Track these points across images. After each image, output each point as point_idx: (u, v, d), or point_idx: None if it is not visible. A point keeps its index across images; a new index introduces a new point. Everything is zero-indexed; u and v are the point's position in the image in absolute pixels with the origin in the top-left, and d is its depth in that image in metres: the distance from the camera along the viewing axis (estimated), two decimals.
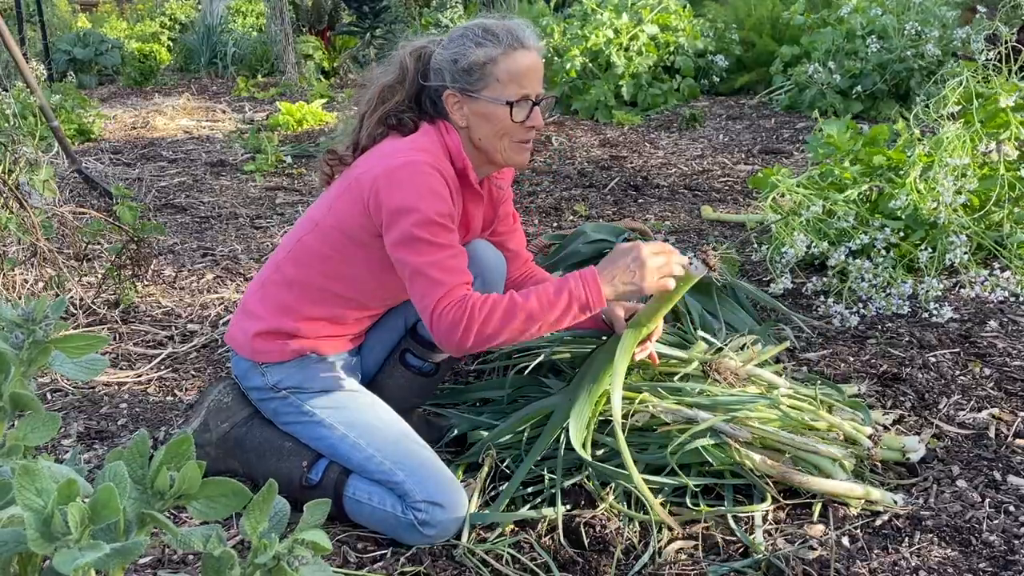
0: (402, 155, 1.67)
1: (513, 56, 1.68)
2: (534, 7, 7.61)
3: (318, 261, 1.75)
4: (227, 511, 0.81)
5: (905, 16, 5.35)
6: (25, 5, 9.12)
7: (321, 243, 1.75)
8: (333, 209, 1.75)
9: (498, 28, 1.70)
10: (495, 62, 1.68)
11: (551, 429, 1.80)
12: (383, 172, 1.65)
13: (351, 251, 1.72)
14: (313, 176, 4.74)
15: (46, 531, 0.71)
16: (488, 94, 1.69)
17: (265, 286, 1.82)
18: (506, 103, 1.68)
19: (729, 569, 1.56)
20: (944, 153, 2.73)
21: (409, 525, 1.64)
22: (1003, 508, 1.70)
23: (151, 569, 1.64)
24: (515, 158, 1.76)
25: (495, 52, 1.68)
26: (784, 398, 1.83)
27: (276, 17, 8.33)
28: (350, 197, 1.71)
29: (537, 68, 1.72)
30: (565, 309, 1.56)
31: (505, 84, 1.68)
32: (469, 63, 1.68)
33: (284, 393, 1.79)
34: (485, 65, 1.68)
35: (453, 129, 1.75)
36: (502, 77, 1.68)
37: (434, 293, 1.58)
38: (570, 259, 2.51)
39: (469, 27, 1.72)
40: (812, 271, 2.97)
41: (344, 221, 1.72)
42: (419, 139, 1.73)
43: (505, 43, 1.68)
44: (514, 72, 1.68)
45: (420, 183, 1.62)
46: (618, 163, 4.70)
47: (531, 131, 1.74)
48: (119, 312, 2.83)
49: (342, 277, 1.74)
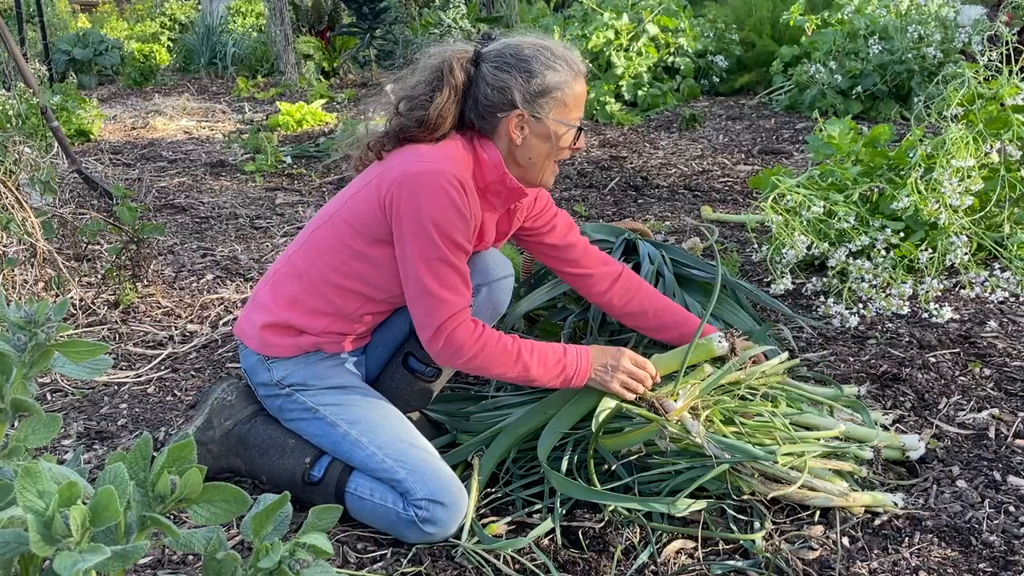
0: (431, 162, 1.67)
1: (578, 82, 1.76)
2: (534, 7, 7.62)
3: (327, 253, 1.77)
4: (228, 516, 0.81)
5: (907, 17, 5.36)
6: (25, 5, 9.12)
7: (332, 236, 1.77)
8: (349, 203, 1.77)
9: (563, 53, 1.76)
10: (564, 87, 1.73)
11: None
12: (406, 175, 1.66)
13: (359, 246, 1.73)
14: (314, 176, 4.75)
15: (47, 533, 0.71)
16: (555, 117, 1.74)
17: (276, 277, 1.84)
18: (576, 128, 1.77)
19: (729, 569, 1.56)
20: (947, 155, 2.73)
21: (410, 522, 1.64)
22: (1003, 508, 1.71)
23: (151, 570, 1.64)
24: (549, 179, 1.85)
25: (567, 77, 1.73)
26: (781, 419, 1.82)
27: (276, 17, 8.33)
28: (368, 193, 1.73)
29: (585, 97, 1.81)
30: (554, 377, 1.75)
31: (571, 109, 1.76)
32: (543, 86, 1.72)
33: (289, 390, 1.80)
34: (556, 89, 1.73)
35: (491, 144, 1.77)
36: (569, 102, 1.75)
37: (441, 313, 1.66)
38: None
39: (536, 48, 1.74)
40: (812, 271, 2.97)
41: (357, 216, 1.73)
42: (450, 147, 1.74)
43: (574, 70, 1.75)
44: (579, 98, 1.77)
45: (442, 195, 1.64)
46: (618, 163, 4.70)
47: (573, 154, 1.83)
48: (119, 312, 2.83)
49: (348, 271, 1.75)
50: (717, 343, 1.85)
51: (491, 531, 1.68)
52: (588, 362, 1.76)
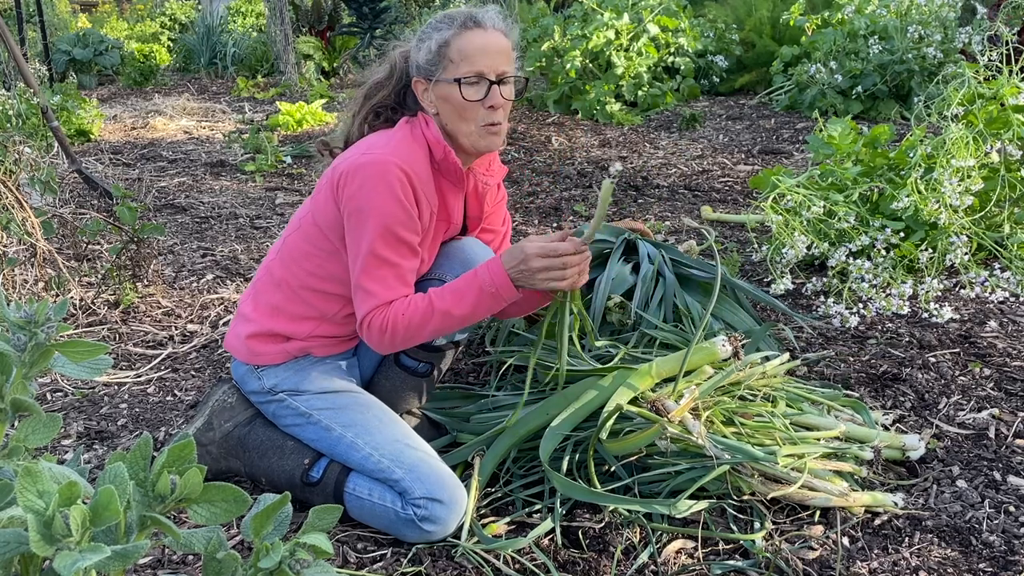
0: (373, 152, 1.68)
1: (465, 35, 1.69)
2: (534, 7, 7.61)
3: (302, 258, 1.78)
4: (228, 516, 0.81)
5: (907, 17, 5.36)
6: (25, 5, 9.12)
7: (304, 240, 1.78)
8: (313, 206, 1.79)
9: (457, 12, 1.72)
10: (448, 43, 1.69)
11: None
12: (350, 167, 1.68)
13: (331, 246, 1.75)
14: (313, 176, 4.75)
15: (47, 533, 0.71)
16: (444, 76, 1.70)
17: (257, 288, 1.86)
18: (454, 80, 1.69)
19: (729, 569, 1.56)
20: (947, 155, 2.73)
21: (409, 521, 1.64)
22: (1003, 508, 1.71)
23: (151, 570, 1.64)
24: (480, 143, 1.75)
25: (448, 33, 1.70)
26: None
27: (276, 17, 8.33)
28: (326, 191, 1.74)
29: (494, 47, 1.70)
30: (478, 301, 1.66)
31: (457, 64, 1.69)
32: (429, 48, 1.71)
33: (281, 396, 1.80)
34: (440, 47, 1.70)
35: (432, 121, 1.76)
36: (454, 57, 1.69)
37: (367, 305, 1.67)
38: None
39: (435, 16, 1.76)
40: (812, 271, 2.97)
41: (320, 216, 1.75)
42: (396, 135, 1.75)
43: (458, 23, 1.70)
44: (465, 50, 1.69)
45: (383, 188, 1.65)
46: (618, 163, 4.70)
47: (494, 112, 1.72)
48: (119, 312, 2.83)
49: (325, 274, 1.77)
50: (720, 346, 1.85)
51: (491, 531, 1.68)
52: (501, 269, 1.65)
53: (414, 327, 1.67)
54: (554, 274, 1.64)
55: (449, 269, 1.85)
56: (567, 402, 1.84)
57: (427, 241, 1.79)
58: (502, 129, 1.75)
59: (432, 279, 1.85)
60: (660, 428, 1.69)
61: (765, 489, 1.69)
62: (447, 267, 1.85)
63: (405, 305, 1.67)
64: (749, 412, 1.80)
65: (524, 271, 1.64)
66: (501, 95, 1.71)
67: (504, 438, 1.84)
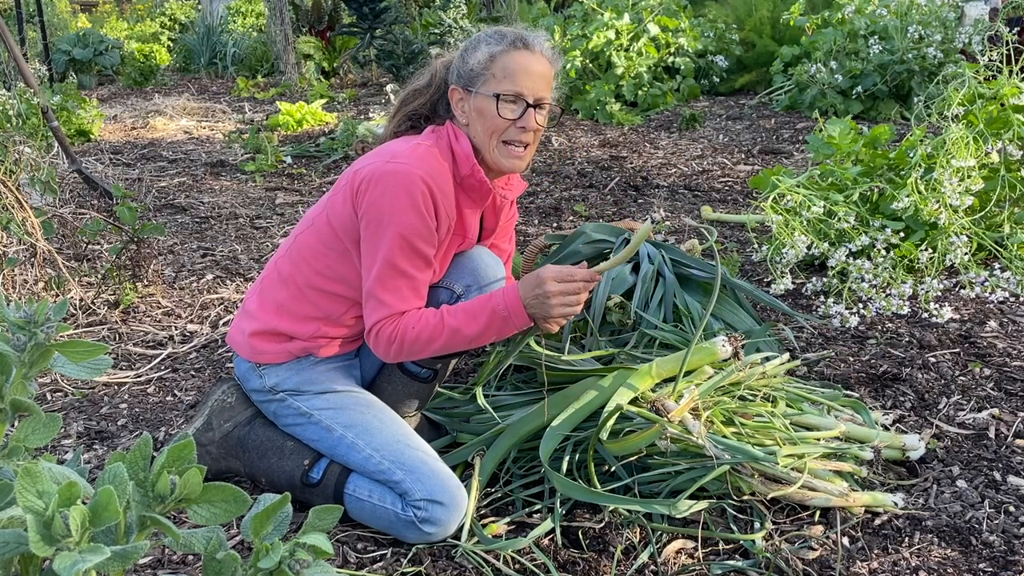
0: (397, 161, 1.68)
1: (512, 54, 1.71)
2: (534, 7, 7.62)
3: (312, 258, 1.77)
4: (227, 516, 0.81)
5: (907, 17, 5.36)
6: (25, 5, 9.12)
7: (316, 239, 1.78)
8: (329, 206, 1.78)
9: (508, 30, 1.74)
10: (494, 58, 1.71)
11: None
12: (372, 174, 1.68)
13: (342, 247, 1.74)
14: (313, 176, 4.75)
15: (47, 533, 0.71)
16: (484, 89, 1.72)
17: (263, 285, 1.85)
18: (493, 95, 1.70)
19: (729, 569, 1.56)
20: (947, 155, 2.73)
21: (409, 523, 1.64)
22: (1003, 508, 1.71)
23: (151, 570, 1.64)
24: (502, 161, 1.76)
25: (496, 48, 1.72)
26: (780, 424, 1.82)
27: (276, 17, 8.33)
28: (344, 193, 1.74)
29: (538, 71, 1.73)
30: (489, 324, 1.67)
31: (499, 80, 1.71)
32: (475, 59, 1.73)
33: (282, 395, 1.80)
34: (486, 60, 1.72)
35: (463, 133, 1.76)
36: (498, 73, 1.71)
37: (378, 314, 1.68)
38: (570, 259, 2.51)
39: (485, 30, 1.77)
40: (812, 271, 2.97)
41: (335, 217, 1.75)
42: (421, 144, 1.74)
43: (508, 41, 1.72)
44: (509, 68, 1.71)
45: (405, 199, 1.65)
46: (618, 163, 4.70)
47: (523, 133, 1.73)
48: (119, 312, 2.83)
49: (333, 274, 1.76)
50: (720, 346, 1.85)
51: (491, 531, 1.68)
52: (516, 296, 1.66)
53: (422, 341, 1.67)
54: (569, 299, 1.67)
55: (458, 278, 1.85)
56: (567, 402, 1.84)
57: (440, 253, 1.79)
58: (527, 155, 1.78)
59: (440, 288, 1.85)
60: (660, 428, 1.69)
61: (765, 489, 1.69)
62: (455, 276, 1.85)
63: (416, 318, 1.67)
64: (749, 412, 1.80)
65: (539, 294, 1.65)
66: (535, 119, 1.73)
67: (504, 438, 1.84)
